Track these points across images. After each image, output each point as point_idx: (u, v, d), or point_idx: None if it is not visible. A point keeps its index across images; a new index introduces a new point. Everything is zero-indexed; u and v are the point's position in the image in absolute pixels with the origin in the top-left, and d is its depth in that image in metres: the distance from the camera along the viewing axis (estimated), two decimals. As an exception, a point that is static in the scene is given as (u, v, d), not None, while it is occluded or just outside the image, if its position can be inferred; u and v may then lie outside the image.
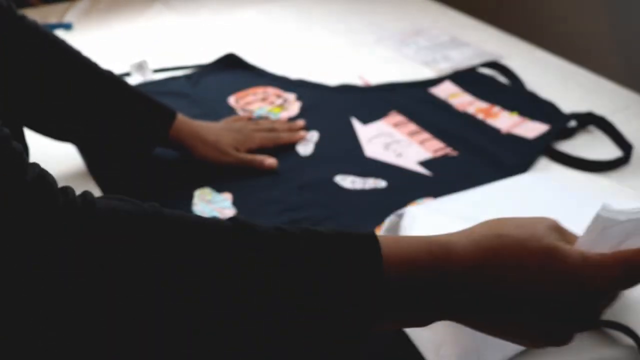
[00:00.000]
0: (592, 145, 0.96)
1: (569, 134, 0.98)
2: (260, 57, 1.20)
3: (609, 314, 0.67)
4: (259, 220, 0.45)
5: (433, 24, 1.37)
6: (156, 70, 1.13)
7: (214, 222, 0.44)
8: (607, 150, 0.95)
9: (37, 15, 1.40)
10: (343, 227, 0.76)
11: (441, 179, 0.87)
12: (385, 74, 1.14)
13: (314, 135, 0.96)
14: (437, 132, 0.97)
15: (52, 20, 1.37)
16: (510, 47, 1.27)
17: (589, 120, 1.00)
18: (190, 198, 0.82)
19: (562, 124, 0.98)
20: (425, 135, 0.96)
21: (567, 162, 0.91)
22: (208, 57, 1.18)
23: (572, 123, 0.99)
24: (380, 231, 0.69)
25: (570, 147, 0.95)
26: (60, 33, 1.21)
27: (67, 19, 1.39)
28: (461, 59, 1.20)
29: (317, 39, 1.30)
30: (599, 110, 1.01)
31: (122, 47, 1.25)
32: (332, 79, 1.12)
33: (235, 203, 0.81)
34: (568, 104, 1.04)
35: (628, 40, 1.40)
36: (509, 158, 0.91)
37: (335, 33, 1.33)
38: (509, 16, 1.58)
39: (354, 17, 1.41)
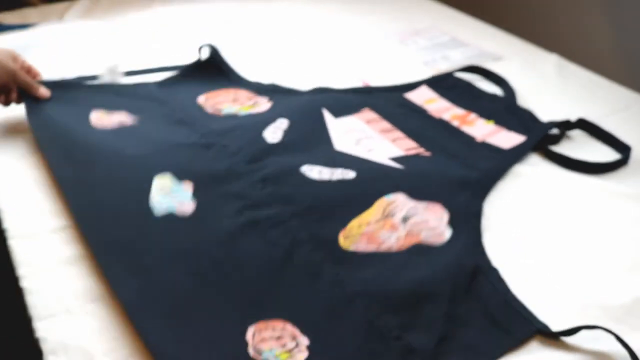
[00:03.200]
0: (591, 146, 0.96)
1: (562, 138, 0.96)
2: (260, 57, 1.20)
3: (610, 314, 0.67)
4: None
5: (433, 24, 1.38)
6: (129, 73, 1.10)
7: None
8: (607, 151, 0.94)
9: (37, 15, 1.40)
10: (308, 226, 0.71)
11: (413, 172, 0.83)
12: (385, 74, 1.14)
13: (283, 123, 0.92)
14: (411, 134, 0.93)
15: (53, 19, 1.38)
16: (510, 47, 1.26)
17: (580, 128, 0.97)
18: (148, 189, 0.77)
19: (539, 135, 0.93)
20: (398, 134, 0.93)
21: (565, 164, 0.90)
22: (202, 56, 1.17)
23: (554, 130, 0.95)
24: None
25: (569, 148, 0.94)
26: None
27: (67, 18, 1.39)
28: (461, 59, 1.20)
29: (317, 39, 1.30)
30: (598, 110, 1.00)
31: (120, 46, 1.25)
32: (332, 79, 1.11)
33: (195, 194, 0.77)
34: (567, 103, 1.04)
35: (628, 41, 1.40)
36: (482, 164, 0.87)
37: (335, 33, 1.33)
38: (509, 16, 1.58)
39: (354, 17, 1.41)
